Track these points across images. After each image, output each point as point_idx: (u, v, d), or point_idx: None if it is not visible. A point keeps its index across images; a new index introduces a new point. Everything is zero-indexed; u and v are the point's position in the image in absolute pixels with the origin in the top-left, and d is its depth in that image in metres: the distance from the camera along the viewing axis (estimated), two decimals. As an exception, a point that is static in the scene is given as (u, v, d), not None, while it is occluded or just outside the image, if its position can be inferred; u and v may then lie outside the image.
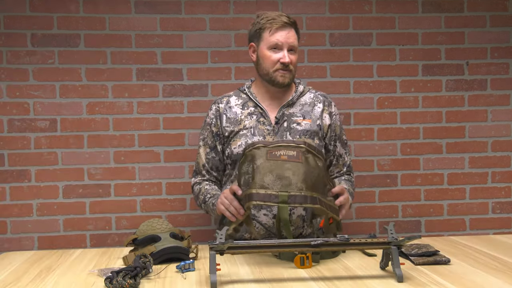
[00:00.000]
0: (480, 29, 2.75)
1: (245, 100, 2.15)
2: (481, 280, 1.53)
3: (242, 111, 2.12)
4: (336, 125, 2.18)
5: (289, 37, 2.04)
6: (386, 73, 2.72)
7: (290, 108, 2.12)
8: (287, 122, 2.09)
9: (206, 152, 2.16)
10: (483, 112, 2.77)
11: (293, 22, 2.08)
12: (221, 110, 2.15)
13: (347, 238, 1.57)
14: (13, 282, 1.61)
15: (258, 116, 2.10)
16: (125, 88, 2.60)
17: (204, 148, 2.17)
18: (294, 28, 2.08)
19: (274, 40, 2.04)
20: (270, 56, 2.05)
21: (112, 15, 2.58)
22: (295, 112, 2.11)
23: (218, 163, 2.16)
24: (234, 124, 2.11)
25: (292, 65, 2.06)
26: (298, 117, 2.10)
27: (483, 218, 2.78)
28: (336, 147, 2.18)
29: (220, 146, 2.15)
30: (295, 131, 2.07)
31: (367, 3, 2.70)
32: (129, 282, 1.46)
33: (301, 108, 2.13)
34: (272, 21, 2.05)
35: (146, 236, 1.80)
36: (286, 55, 2.03)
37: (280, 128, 2.08)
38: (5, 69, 2.54)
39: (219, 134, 2.14)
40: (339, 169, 2.20)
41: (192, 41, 2.63)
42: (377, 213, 2.73)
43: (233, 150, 2.08)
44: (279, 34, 2.04)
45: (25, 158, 2.55)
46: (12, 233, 2.56)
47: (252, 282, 1.54)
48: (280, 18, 2.05)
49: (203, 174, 2.18)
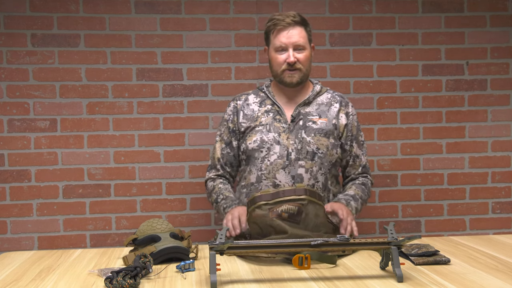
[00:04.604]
0: (480, 29, 2.75)
1: (263, 98, 2.18)
2: (481, 280, 1.53)
3: (259, 109, 2.15)
4: (353, 126, 2.18)
5: (291, 37, 2.05)
6: (386, 73, 2.72)
7: (306, 107, 2.14)
8: (302, 120, 2.11)
9: (221, 148, 2.19)
10: (483, 112, 2.77)
11: (298, 21, 2.07)
12: (239, 107, 2.19)
13: (347, 238, 1.57)
14: (13, 282, 1.61)
15: (275, 113, 2.13)
16: (125, 88, 2.60)
17: (220, 143, 2.20)
18: (301, 26, 2.08)
19: (278, 42, 2.07)
20: (276, 57, 2.08)
21: (112, 15, 2.58)
22: (311, 111, 2.13)
23: (232, 159, 2.19)
24: (251, 120, 2.14)
25: (300, 64, 2.07)
26: (314, 116, 2.12)
27: (483, 218, 2.78)
28: (353, 148, 2.18)
29: (236, 142, 2.18)
30: (310, 129, 2.09)
31: (367, 3, 2.70)
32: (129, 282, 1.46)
33: (318, 107, 2.15)
34: (276, 22, 2.07)
35: (146, 236, 1.80)
36: (291, 55, 2.05)
37: (296, 126, 2.10)
38: (5, 69, 2.54)
39: (235, 130, 2.18)
40: (355, 169, 2.20)
41: (192, 41, 2.63)
42: (377, 213, 2.74)
43: (248, 145, 2.11)
44: (282, 35, 2.06)
45: (25, 158, 2.55)
46: (12, 233, 2.56)
47: (252, 282, 1.53)
48: (284, 19, 2.06)
49: (217, 168, 2.21)
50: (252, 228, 1.85)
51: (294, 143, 2.07)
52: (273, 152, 2.07)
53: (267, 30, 2.11)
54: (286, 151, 2.06)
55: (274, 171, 2.06)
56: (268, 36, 2.12)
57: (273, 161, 2.06)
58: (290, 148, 2.06)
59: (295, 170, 2.05)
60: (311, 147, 2.07)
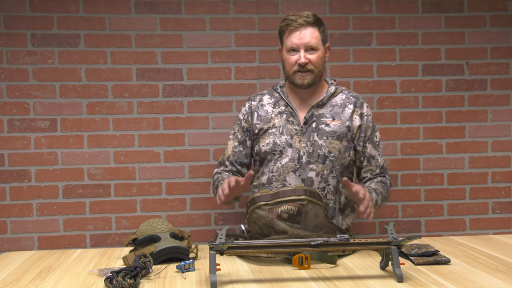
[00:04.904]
0: (480, 29, 2.75)
1: (277, 99, 2.17)
2: (481, 280, 1.53)
3: (273, 110, 2.15)
4: (367, 126, 2.14)
5: (303, 37, 2.04)
6: (386, 73, 2.72)
7: (320, 108, 2.12)
8: (315, 122, 2.09)
9: (233, 146, 2.19)
10: (483, 112, 2.77)
11: (311, 21, 2.05)
12: (253, 108, 2.19)
13: (347, 238, 1.57)
14: (13, 282, 1.61)
15: (288, 115, 2.12)
16: (125, 88, 2.60)
17: (232, 141, 2.20)
18: (314, 27, 2.06)
19: (289, 43, 2.06)
20: (288, 58, 2.08)
21: (112, 15, 2.58)
22: (324, 113, 2.12)
23: (244, 157, 2.19)
24: (264, 122, 2.14)
25: (312, 65, 2.05)
26: (327, 118, 2.10)
27: (483, 218, 2.78)
28: (366, 148, 2.14)
29: (250, 142, 2.18)
30: (323, 132, 2.08)
31: (367, 3, 2.70)
32: (129, 282, 1.46)
33: (331, 109, 2.13)
34: (289, 23, 2.06)
35: (146, 236, 1.80)
36: (302, 56, 2.04)
37: (308, 129, 2.09)
38: (5, 69, 2.54)
39: (249, 130, 2.18)
40: (372, 171, 2.16)
41: (192, 41, 2.63)
42: (377, 213, 2.73)
43: (261, 147, 2.12)
44: (294, 36, 2.05)
45: (25, 158, 2.55)
46: (12, 233, 2.56)
47: (252, 282, 1.53)
48: (297, 19, 2.05)
49: (226, 165, 2.20)
50: (252, 228, 1.85)
51: (306, 146, 2.06)
52: (285, 155, 2.07)
53: (280, 31, 2.11)
54: (298, 154, 2.06)
55: (285, 173, 2.06)
56: (282, 36, 2.11)
57: (284, 164, 2.06)
58: (302, 151, 2.06)
59: (305, 173, 2.05)
60: (322, 150, 2.06)
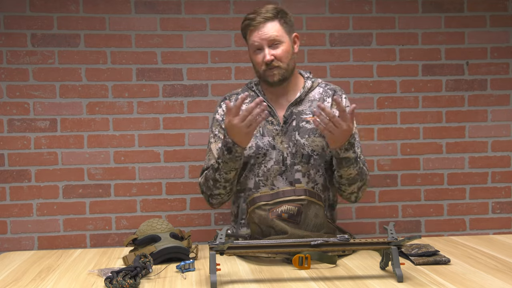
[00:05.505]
0: (480, 29, 2.75)
1: (254, 98, 2.08)
2: (481, 280, 1.53)
3: None
4: None
5: (263, 34, 1.95)
6: (386, 73, 2.72)
7: (298, 105, 2.04)
8: (295, 121, 2.02)
9: (218, 148, 2.06)
10: (483, 112, 2.77)
11: (269, 16, 1.96)
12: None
13: (347, 238, 1.57)
14: (13, 282, 1.61)
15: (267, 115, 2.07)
16: (125, 88, 2.60)
17: (215, 144, 2.08)
18: (274, 20, 1.97)
19: (252, 43, 1.98)
20: (255, 58, 2.00)
21: (112, 15, 2.58)
22: (304, 110, 2.04)
23: None
24: None
25: (278, 60, 1.96)
26: (307, 115, 2.03)
27: (483, 218, 2.78)
28: None
29: None
30: (304, 130, 2.01)
31: (367, 3, 2.70)
32: (129, 282, 1.46)
33: (310, 104, 2.05)
34: (248, 23, 1.98)
35: (146, 236, 1.80)
36: (266, 53, 1.95)
37: (289, 128, 2.01)
38: (5, 69, 2.54)
39: None
40: None
41: (192, 41, 2.63)
42: (377, 213, 2.73)
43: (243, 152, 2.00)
44: (255, 36, 1.97)
45: (25, 158, 2.55)
46: (12, 233, 2.56)
47: (252, 282, 1.53)
48: (255, 18, 1.96)
49: None
50: (252, 228, 1.84)
51: (288, 146, 2.00)
52: (270, 157, 2.00)
53: (243, 32, 2.03)
54: (282, 156, 2.00)
55: (272, 177, 2.00)
56: (246, 38, 2.03)
57: (270, 168, 2.00)
58: (285, 153, 2.00)
59: (292, 176, 1.99)
60: (306, 149, 1.99)
